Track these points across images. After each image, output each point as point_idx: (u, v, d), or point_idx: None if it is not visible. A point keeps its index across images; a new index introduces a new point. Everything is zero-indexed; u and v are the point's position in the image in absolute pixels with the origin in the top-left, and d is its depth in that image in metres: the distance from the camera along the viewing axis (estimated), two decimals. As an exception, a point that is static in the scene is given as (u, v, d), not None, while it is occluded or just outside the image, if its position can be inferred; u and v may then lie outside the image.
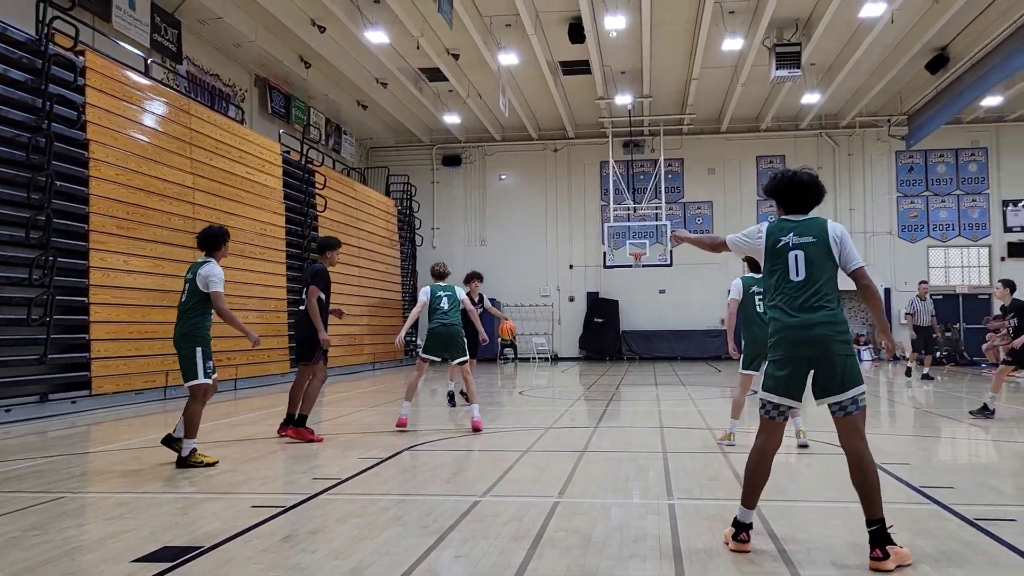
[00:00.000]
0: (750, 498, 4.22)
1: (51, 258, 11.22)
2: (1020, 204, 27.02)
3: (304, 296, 8.87)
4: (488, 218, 29.36)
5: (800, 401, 4.24)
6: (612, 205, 26.59)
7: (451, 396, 12.08)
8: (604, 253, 26.27)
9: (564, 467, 6.68)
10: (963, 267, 27.34)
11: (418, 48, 19.61)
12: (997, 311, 21.71)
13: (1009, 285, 10.63)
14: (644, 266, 25.22)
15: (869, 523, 3.93)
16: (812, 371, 4.12)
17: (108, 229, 12.64)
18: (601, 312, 28.08)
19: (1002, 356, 11.26)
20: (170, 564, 4.01)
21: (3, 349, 10.72)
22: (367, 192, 25.16)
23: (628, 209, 27.20)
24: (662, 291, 28.08)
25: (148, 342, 13.39)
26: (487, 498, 5.49)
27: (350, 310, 21.52)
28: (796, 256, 4.21)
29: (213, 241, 7.43)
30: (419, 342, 9.40)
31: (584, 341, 28.22)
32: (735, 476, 6.18)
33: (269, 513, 5.10)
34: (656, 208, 27.16)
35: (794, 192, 4.37)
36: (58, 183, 11.57)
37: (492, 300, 11.52)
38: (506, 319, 11.30)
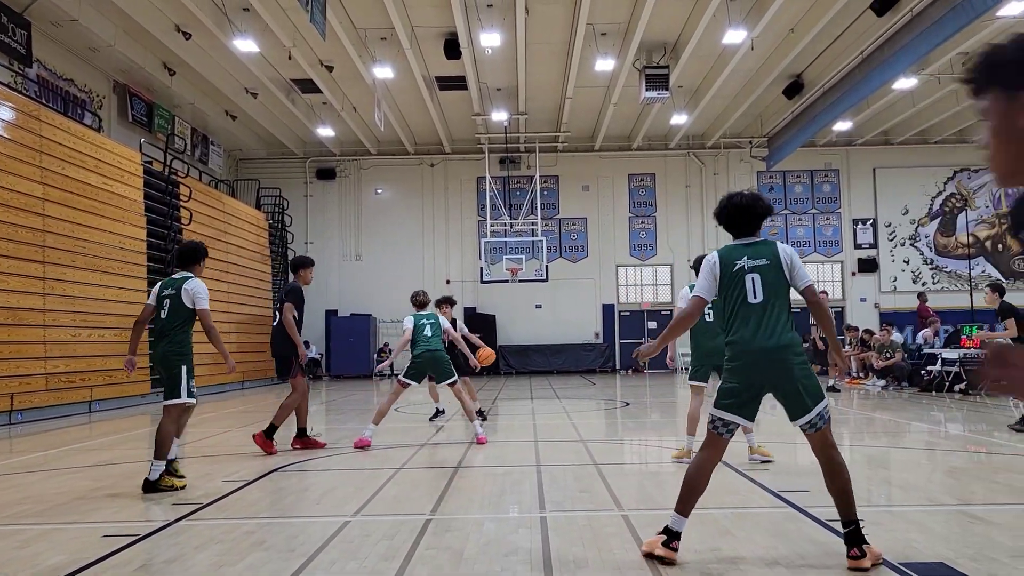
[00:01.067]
0: (685, 506, 4.24)
1: None
2: (868, 223, 28.93)
3: (279, 313, 9.04)
4: (364, 233, 28.98)
5: (753, 421, 4.32)
6: (489, 220, 26.76)
7: (437, 413, 12.24)
8: (481, 268, 26.39)
9: (438, 484, 6.60)
10: (818, 281, 29.03)
11: (290, 58, 19.19)
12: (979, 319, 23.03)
13: (998, 289, 10.77)
14: (521, 281, 25.49)
15: (845, 524, 4.03)
16: (770, 392, 4.21)
17: (-55, 241, 11.68)
18: (479, 327, 28.09)
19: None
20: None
21: None
22: (236, 205, 24.32)
23: (505, 225, 27.43)
24: (538, 306, 28.45)
25: (-9, 363, 12.43)
26: (357, 518, 5.34)
27: (219, 327, 20.68)
28: (752, 279, 4.27)
29: (192, 256, 7.06)
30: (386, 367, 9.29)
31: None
32: (606, 488, 6.26)
33: (122, 543, 4.78)
34: (532, 224, 27.53)
35: (738, 215, 4.43)
36: None
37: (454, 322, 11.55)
38: (482, 346, 11.22)
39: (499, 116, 24.41)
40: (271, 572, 4.11)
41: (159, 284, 7.10)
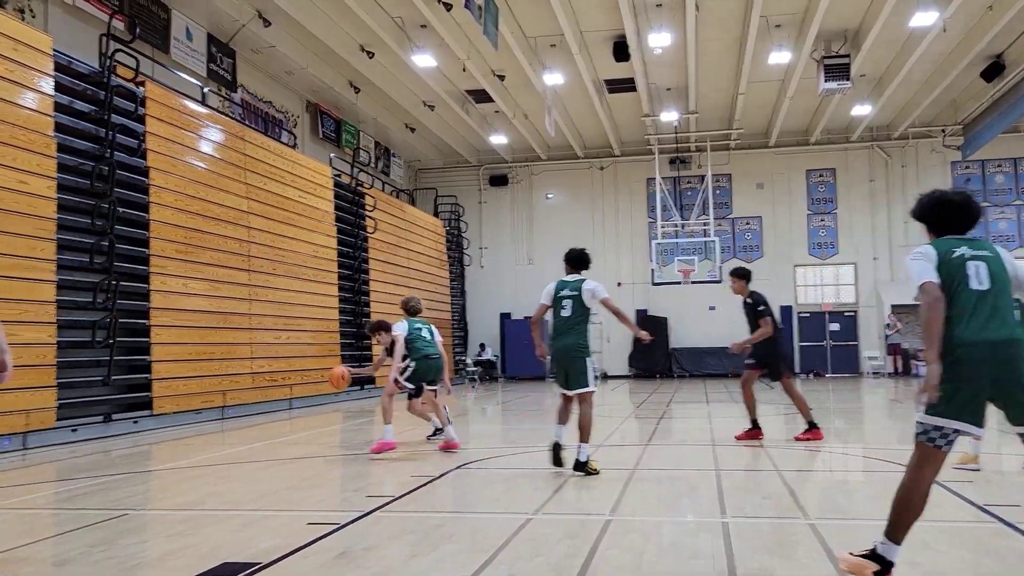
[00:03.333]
0: (898, 532, 3.76)
1: (114, 282, 11.58)
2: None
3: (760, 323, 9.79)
4: (535, 237, 29.46)
5: (982, 427, 3.73)
6: (660, 222, 26.49)
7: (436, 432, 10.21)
8: (652, 270, 26.12)
9: (615, 486, 6.67)
10: (1025, 279, 26.59)
11: (464, 70, 19.85)
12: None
13: None
14: (693, 283, 25.03)
15: None
16: (994, 392, 3.65)
17: (167, 253, 13.00)
18: (650, 329, 27.65)
19: None
20: (231, 579, 4.11)
21: (70, 371, 11.08)
22: (416, 213, 25.47)
23: (676, 226, 27.05)
24: (712, 308, 27.81)
25: (206, 363, 13.72)
26: (538, 516, 5.51)
27: (400, 330, 21.74)
28: (976, 267, 3.76)
29: (582, 260, 8.06)
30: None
31: (633, 359, 28.04)
32: (790, 495, 6.11)
33: (325, 530, 5.17)
34: (704, 224, 26.97)
35: (952, 213, 3.97)
36: (120, 210, 11.97)
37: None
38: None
39: (669, 116, 24.12)
40: (461, 564, 4.33)
41: (553, 285, 7.70)
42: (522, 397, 19.34)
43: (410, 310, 9.63)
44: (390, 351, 9.39)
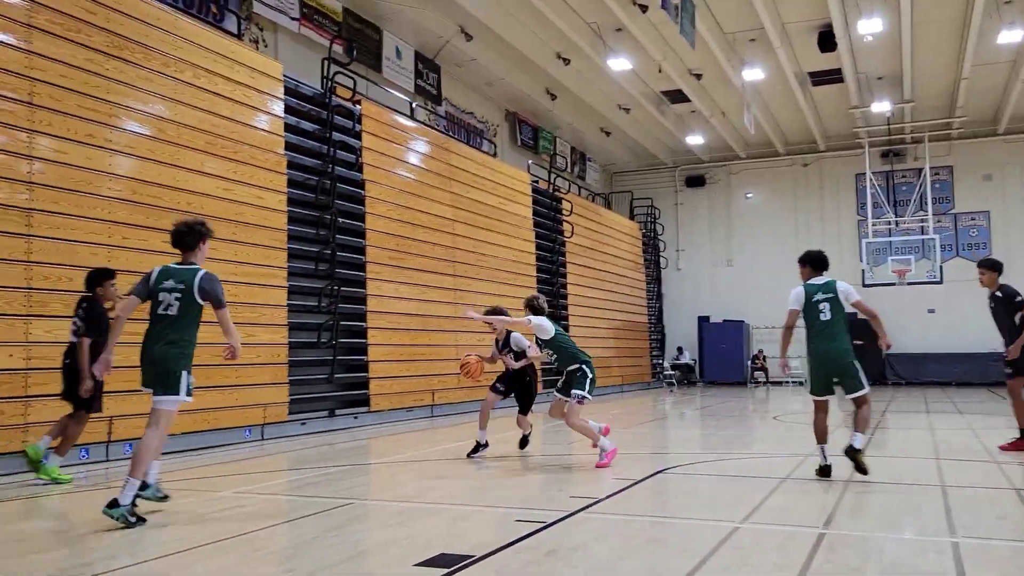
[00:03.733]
0: None
1: (336, 287, 12.54)
2: None
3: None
4: (734, 238, 28.64)
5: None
6: (870, 220, 24.94)
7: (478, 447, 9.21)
8: (863, 271, 24.63)
9: (828, 497, 6.40)
10: None
11: (660, 71, 19.70)
12: None
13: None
14: (909, 284, 23.36)
15: None
16: None
17: (381, 260, 13.89)
18: (860, 334, 26.25)
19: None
20: (448, 570, 4.33)
21: (299, 369, 12.11)
22: (612, 217, 25.55)
23: (889, 223, 25.35)
24: (931, 311, 25.80)
25: (416, 363, 14.52)
26: (746, 525, 5.40)
27: (597, 332, 21.88)
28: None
29: (826, 260, 7.51)
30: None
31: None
32: (1028, 516, 5.59)
33: (532, 528, 5.34)
34: (922, 221, 25.09)
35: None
36: (340, 220, 12.94)
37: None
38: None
39: (880, 107, 22.66)
40: (669, 569, 4.34)
41: (802, 290, 7.33)
42: (723, 402, 18.88)
43: (542, 310, 8.43)
44: (501, 347, 8.89)
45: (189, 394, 5.68)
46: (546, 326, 8.08)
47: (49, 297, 8.40)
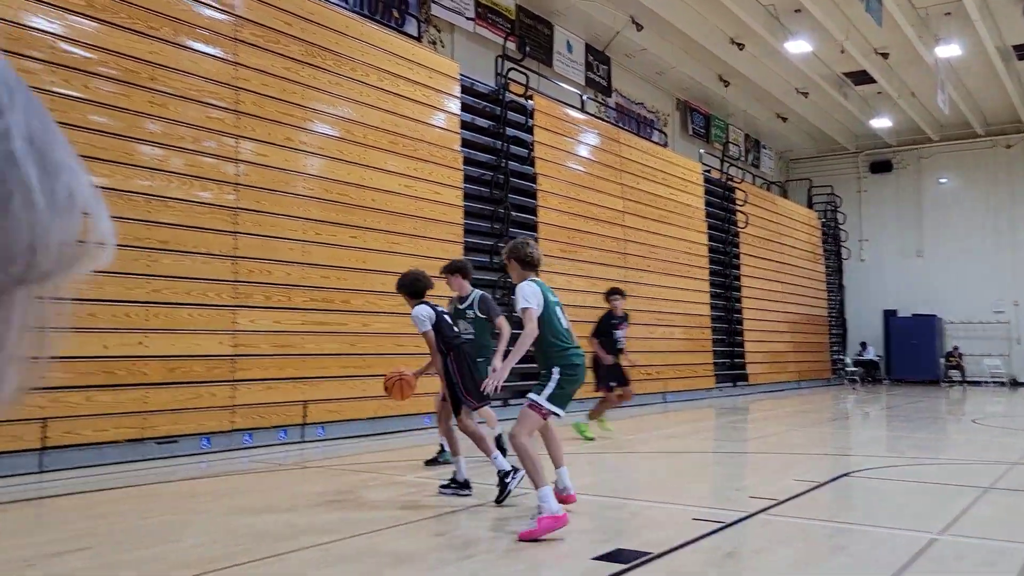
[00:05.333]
0: None
1: (510, 280, 12.82)
2: None
3: None
4: (925, 227, 26.76)
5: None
6: (1087, 205, 22.59)
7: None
8: (1076, 262, 22.40)
9: (959, 502, 5.90)
10: None
11: (842, 52, 18.71)
12: None
13: None
14: None
15: None
16: None
17: (553, 253, 14.06)
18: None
19: None
20: (626, 566, 4.34)
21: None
22: (788, 206, 24.56)
23: (1109, 209, 22.88)
24: None
25: (588, 355, 14.58)
26: (945, 537, 5.07)
27: (772, 326, 21.13)
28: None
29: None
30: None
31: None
32: None
33: (710, 527, 5.26)
34: None
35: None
36: (513, 214, 13.21)
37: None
38: None
39: (1101, 80, 20.47)
40: (856, 579, 4.16)
41: None
42: (912, 402, 17.75)
43: (532, 262, 5.52)
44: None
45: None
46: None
47: (253, 289, 9.13)
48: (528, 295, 5.33)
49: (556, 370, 5.43)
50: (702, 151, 21.26)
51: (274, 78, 9.58)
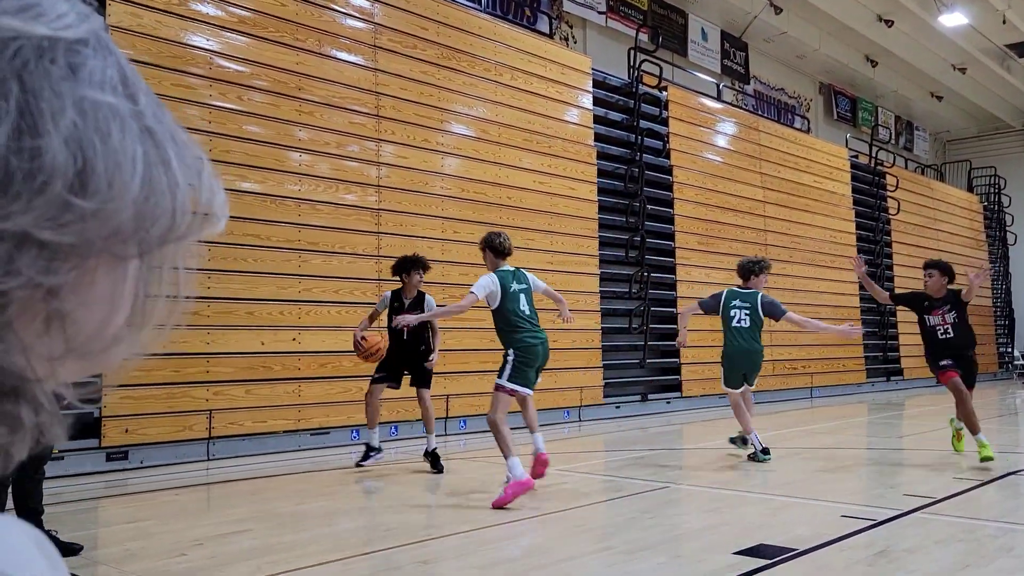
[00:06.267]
0: None
1: (645, 273, 12.73)
2: None
3: None
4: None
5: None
6: None
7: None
8: None
9: None
10: None
11: (1004, 23, 17.41)
12: None
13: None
14: None
15: None
16: None
17: (690, 245, 13.83)
18: None
19: None
20: (768, 561, 4.25)
21: (612, 354, 12.47)
22: (945, 190, 23.06)
23: None
24: None
25: (726, 349, 14.25)
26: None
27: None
28: None
29: None
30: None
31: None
32: None
33: (859, 525, 5.06)
34: None
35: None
36: (649, 207, 13.09)
37: None
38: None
39: None
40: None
41: None
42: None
43: (500, 251, 6.04)
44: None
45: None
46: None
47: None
48: (479, 286, 5.88)
49: (511, 352, 5.85)
50: (848, 136, 20.30)
51: (412, 82, 9.91)
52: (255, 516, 5.41)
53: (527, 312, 5.94)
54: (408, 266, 7.16)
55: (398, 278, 7.27)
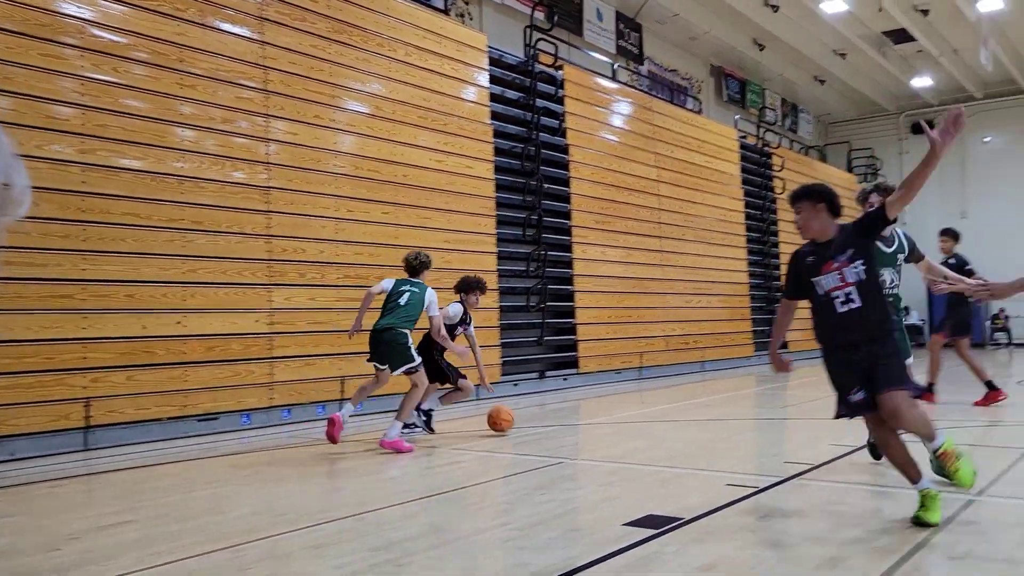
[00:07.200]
0: None
1: (543, 252, 12.82)
2: None
3: None
4: (969, 187, 26.09)
5: None
6: None
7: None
8: None
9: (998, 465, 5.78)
10: None
11: (880, 10, 18.23)
12: None
13: None
14: None
15: None
16: None
17: (587, 224, 14.00)
18: None
19: None
20: (656, 531, 4.35)
21: (511, 332, 12.53)
22: (827, 170, 24.11)
23: None
24: None
25: (623, 326, 14.57)
26: (983, 498, 5.00)
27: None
28: None
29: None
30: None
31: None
32: None
33: (743, 493, 5.25)
34: None
35: None
36: (546, 186, 13.16)
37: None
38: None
39: None
40: (890, 543, 4.11)
41: None
42: (956, 365, 17.39)
43: (409, 268, 7.68)
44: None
45: None
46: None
47: (287, 267, 9.24)
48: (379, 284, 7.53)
49: None
50: (738, 117, 20.93)
51: (302, 56, 9.62)
52: (137, 507, 5.19)
53: (389, 305, 7.34)
54: (473, 286, 8.16)
55: (461, 294, 8.16)
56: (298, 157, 9.49)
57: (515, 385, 12.40)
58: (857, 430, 7.91)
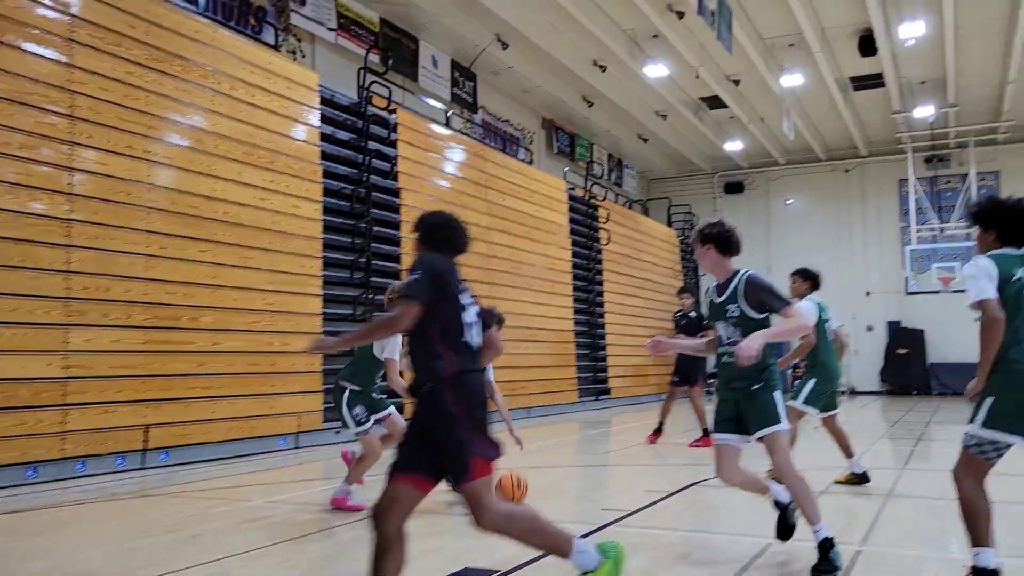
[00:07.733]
0: (984, 536, 4.23)
1: (371, 296, 12.59)
2: None
3: None
4: (773, 245, 28.22)
5: None
6: (914, 226, 24.41)
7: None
8: (906, 278, 24.17)
9: (867, 511, 6.24)
10: None
11: (697, 77, 19.53)
12: None
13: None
14: (955, 292, 22.83)
15: None
16: None
17: (415, 269, 13.91)
18: (904, 342, 25.80)
19: None
20: (475, 584, 4.30)
21: (335, 378, 12.13)
22: (649, 224, 25.38)
23: (933, 230, 24.82)
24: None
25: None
26: (779, 542, 5.28)
27: (634, 340, 21.71)
28: None
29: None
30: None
31: (886, 374, 26.05)
32: (1077, 535, 5.39)
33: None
34: (968, 227, 24.51)
35: (1017, 219, 4.18)
36: (376, 228, 13.00)
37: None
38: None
39: (923, 112, 22.17)
40: (699, 586, 4.25)
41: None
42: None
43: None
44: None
45: None
46: None
47: (87, 306, 8.54)
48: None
49: None
50: (567, 169, 21.68)
51: (115, 82, 9.04)
52: None
53: None
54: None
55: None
56: (106, 189, 8.86)
57: (337, 432, 11.97)
58: (670, 476, 8.22)
